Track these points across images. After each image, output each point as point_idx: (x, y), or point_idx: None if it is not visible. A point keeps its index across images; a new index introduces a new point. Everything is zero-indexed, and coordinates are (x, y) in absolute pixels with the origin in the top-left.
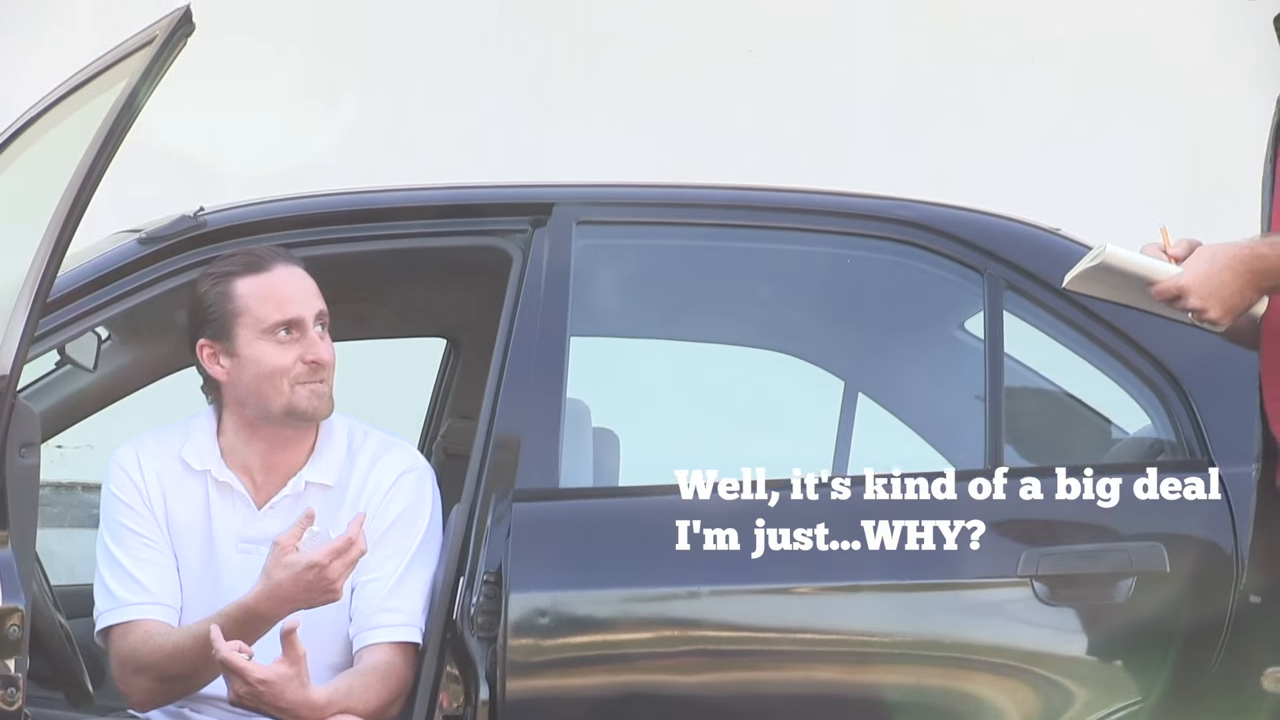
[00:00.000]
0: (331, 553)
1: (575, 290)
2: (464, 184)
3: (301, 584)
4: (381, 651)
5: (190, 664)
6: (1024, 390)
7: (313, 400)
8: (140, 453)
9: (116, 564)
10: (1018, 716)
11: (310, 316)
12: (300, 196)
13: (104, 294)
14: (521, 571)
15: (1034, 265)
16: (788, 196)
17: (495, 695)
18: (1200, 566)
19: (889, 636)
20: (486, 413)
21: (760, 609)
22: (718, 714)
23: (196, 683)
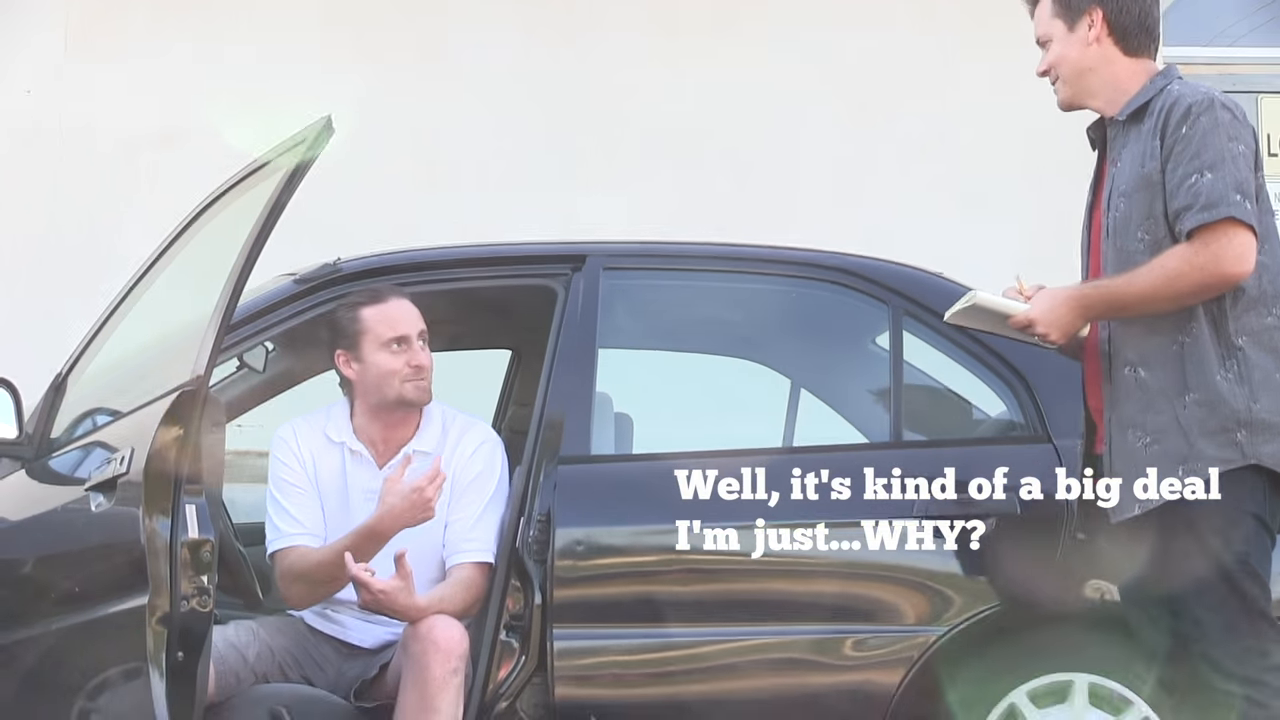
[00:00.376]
0: (427, 478)
1: (602, 316)
2: (522, 241)
3: (408, 503)
4: (465, 569)
5: (329, 574)
6: (917, 386)
7: (416, 392)
8: (296, 430)
9: (280, 507)
10: (912, 616)
11: (414, 334)
12: (408, 250)
13: (270, 319)
14: (564, 514)
15: (924, 299)
16: (750, 249)
17: (545, 600)
18: (1041, 511)
19: (823, 558)
20: (539, 402)
21: (731, 539)
22: (701, 611)
23: (335, 588)
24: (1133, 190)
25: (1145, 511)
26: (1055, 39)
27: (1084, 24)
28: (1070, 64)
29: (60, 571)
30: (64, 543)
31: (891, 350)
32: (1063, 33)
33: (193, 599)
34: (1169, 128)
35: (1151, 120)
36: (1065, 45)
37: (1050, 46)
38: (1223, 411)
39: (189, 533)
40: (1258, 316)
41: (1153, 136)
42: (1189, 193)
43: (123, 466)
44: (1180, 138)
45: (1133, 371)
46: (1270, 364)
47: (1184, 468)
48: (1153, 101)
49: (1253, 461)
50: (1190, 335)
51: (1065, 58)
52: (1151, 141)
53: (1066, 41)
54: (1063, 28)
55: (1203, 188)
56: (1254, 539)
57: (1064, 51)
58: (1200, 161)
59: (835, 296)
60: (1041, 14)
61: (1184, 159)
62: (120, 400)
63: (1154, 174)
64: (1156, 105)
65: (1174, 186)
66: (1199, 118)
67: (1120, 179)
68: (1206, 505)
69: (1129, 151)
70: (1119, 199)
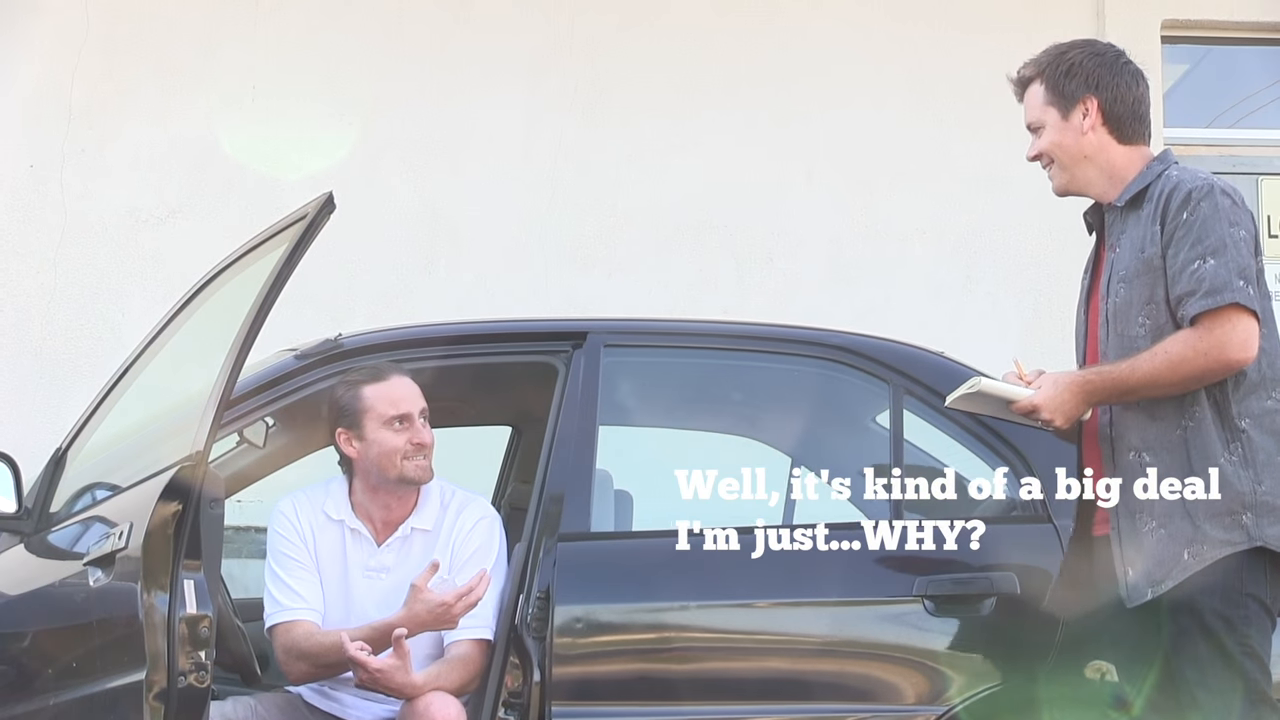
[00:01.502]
0: (457, 595)
1: (602, 393)
2: (524, 318)
3: (434, 615)
4: (463, 646)
5: (330, 656)
6: (917, 466)
7: (418, 471)
8: (296, 504)
9: (280, 581)
10: (913, 695)
11: (415, 412)
12: (409, 326)
13: (270, 394)
14: (564, 590)
15: (925, 378)
16: (751, 328)
17: (545, 678)
18: (1041, 590)
19: (822, 637)
20: (539, 478)
21: (731, 617)
22: (701, 690)
23: (340, 670)
24: (1133, 276)
25: (1156, 596)
26: (1048, 126)
27: (1078, 113)
28: (1066, 152)
29: (58, 646)
30: (62, 617)
31: (892, 429)
32: (1056, 120)
33: (190, 675)
34: (1169, 213)
35: (1150, 206)
36: (1060, 133)
37: (1043, 133)
38: (1228, 495)
39: (187, 608)
40: (1259, 400)
41: (1152, 222)
42: (1192, 279)
43: (121, 541)
44: (1181, 223)
45: (1138, 457)
46: (1273, 446)
47: (1189, 551)
48: (1151, 187)
49: (1258, 544)
50: (1194, 420)
51: (1061, 145)
52: (1151, 227)
53: (1061, 129)
54: (1056, 115)
55: (1205, 274)
56: (1255, 621)
57: (1058, 139)
58: (1202, 248)
59: (836, 375)
60: (1033, 100)
61: (1185, 245)
62: (120, 475)
63: (1154, 259)
64: (1155, 190)
65: (1176, 272)
66: (1199, 203)
67: (1120, 264)
68: (1209, 586)
69: (1128, 237)
70: (1119, 284)
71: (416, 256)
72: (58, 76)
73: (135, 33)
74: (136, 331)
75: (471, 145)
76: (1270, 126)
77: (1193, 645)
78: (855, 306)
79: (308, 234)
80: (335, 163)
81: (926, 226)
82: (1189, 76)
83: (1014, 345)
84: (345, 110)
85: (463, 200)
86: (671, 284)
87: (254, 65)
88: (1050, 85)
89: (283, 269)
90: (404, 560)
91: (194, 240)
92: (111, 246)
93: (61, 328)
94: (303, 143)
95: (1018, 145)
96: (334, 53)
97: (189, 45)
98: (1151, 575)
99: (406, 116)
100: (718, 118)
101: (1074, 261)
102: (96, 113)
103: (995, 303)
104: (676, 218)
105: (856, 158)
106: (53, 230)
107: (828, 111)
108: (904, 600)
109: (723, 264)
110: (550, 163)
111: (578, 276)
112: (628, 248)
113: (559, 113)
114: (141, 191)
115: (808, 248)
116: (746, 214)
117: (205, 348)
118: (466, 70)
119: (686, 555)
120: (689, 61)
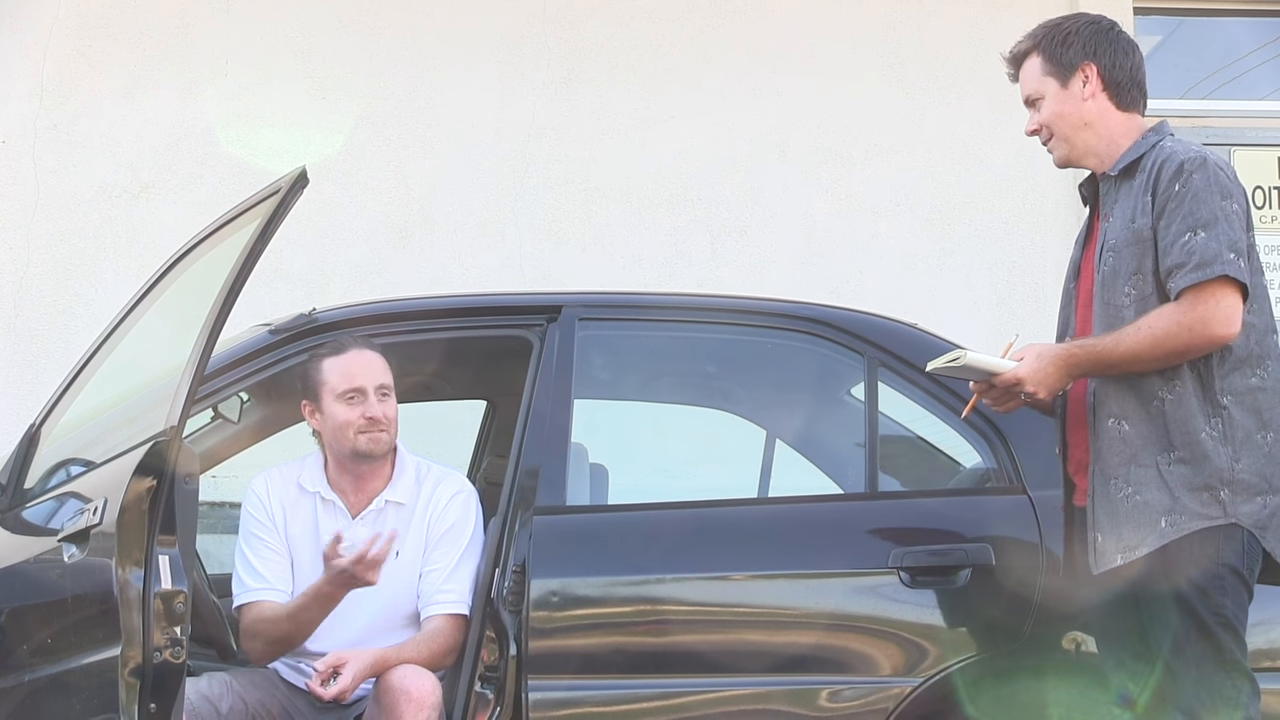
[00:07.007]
0: (354, 560)
1: (577, 367)
2: (499, 292)
3: (344, 580)
4: (437, 620)
5: (286, 632)
6: (892, 437)
7: (370, 444)
8: (269, 482)
9: (247, 561)
10: (889, 667)
11: (370, 387)
12: (383, 301)
13: (244, 369)
14: (539, 564)
15: (899, 350)
16: (725, 300)
17: (521, 652)
18: (1016, 561)
19: (798, 609)
20: (515, 453)
21: (705, 589)
22: (677, 662)
23: (290, 645)
24: (1123, 245)
25: (1128, 562)
26: (1048, 97)
27: (1078, 80)
28: (1068, 120)
29: (33, 623)
30: (37, 594)
31: (867, 401)
32: (1055, 90)
33: (165, 650)
34: (1161, 184)
35: (1143, 176)
36: (1060, 102)
37: (1042, 105)
38: (1207, 469)
39: (162, 584)
40: (1243, 377)
41: (1144, 192)
42: (1183, 251)
43: (96, 517)
44: (1173, 195)
45: (1116, 424)
46: (1252, 424)
47: (1167, 519)
48: (1144, 157)
49: (1233, 520)
50: (1174, 392)
51: (1062, 115)
52: (1143, 197)
53: (1061, 99)
54: (1055, 85)
55: (1196, 246)
56: (1231, 592)
57: (1059, 109)
58: (1194, 220)
59: (810, 347)
60: (1030, 73)
61: (1177, 217)
62: (94, 451)
63: (1145, 230)
64: (1148, 161)
65: (1167, 244)
66: (1192, 175)
67: (1111, 234)
68: (1186, 557)
69: (1120, 207)
70: (1109, 254)
71: (390, 231)
72: (30, 52)
73: (108, 8)
74: (110, 307)
75: (445, 120)
76: (1243, 97)
77: (1165, 614)
78: (829, 279)
79: (281, 209)
80: (307, 137)
81: (900, 199)
82: (1161, 48)
83: (987, 317)
84: (318, 86)
85: (437, 175)
86: (645, 258)
87: (227, 41)
88: (1048, 55)
89: (256, 244)
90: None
91: (167, 216)
92: (84, 223)
93: (35, 304)
94: (275, 118)
95: (991, 118)
96: (307, 28)
97: (162, 21)
98: (1125, 540)
99: (380, 91)
100: (691, 92)
101: (1047, 234)
102: (69, 89)
103: (968, 275)
104: (650, 191)
105: (830, 131)
106: (26, 207)
107: (801, 85)
108: (879, 572)
109: (696, 237)
110: (524, 137)
111: (552, 250)
112: (602, 221)
113: (533, 87)
114: (115, 168)
115: (781, 221)
116: (720, 188)
117: (179, 323)
118: (440, 46)
119: (662, 528)
120: (662, 36)
